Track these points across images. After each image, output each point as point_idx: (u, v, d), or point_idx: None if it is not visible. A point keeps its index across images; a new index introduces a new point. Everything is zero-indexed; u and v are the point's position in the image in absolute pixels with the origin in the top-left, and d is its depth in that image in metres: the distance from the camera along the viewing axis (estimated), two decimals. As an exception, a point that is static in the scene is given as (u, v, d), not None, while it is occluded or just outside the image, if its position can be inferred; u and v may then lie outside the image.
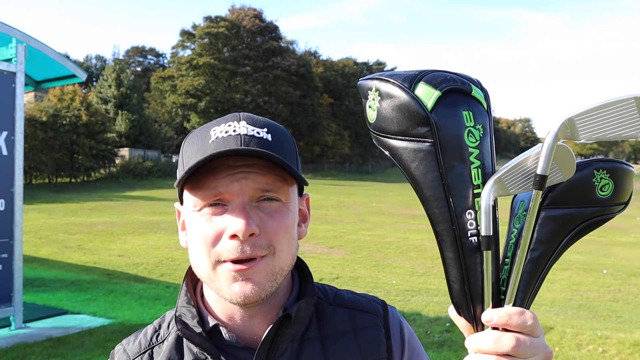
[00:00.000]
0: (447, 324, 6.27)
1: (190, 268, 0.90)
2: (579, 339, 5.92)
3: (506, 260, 0.72)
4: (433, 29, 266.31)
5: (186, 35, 59.26)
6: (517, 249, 0.70)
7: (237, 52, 57.11)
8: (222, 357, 0.82)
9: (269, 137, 0.82)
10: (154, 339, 0.91)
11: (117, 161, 38.85)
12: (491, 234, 0.67)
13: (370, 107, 0.73)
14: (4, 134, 5.69)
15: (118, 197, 25.47)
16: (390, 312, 0.95)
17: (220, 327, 0.85)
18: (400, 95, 0.69)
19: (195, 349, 0.84)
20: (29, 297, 7.04)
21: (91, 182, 34.70)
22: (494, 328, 0.68)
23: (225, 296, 0.81)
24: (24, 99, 6.03)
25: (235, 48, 57.75)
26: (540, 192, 0.66)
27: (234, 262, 0.79)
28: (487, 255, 0.67)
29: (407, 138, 0.70)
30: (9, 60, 5.80)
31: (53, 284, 8.20)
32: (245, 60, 56.85)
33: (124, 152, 40.45)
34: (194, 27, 58.34)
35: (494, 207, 0.67)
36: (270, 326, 0.83)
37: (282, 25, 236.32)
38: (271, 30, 60.48)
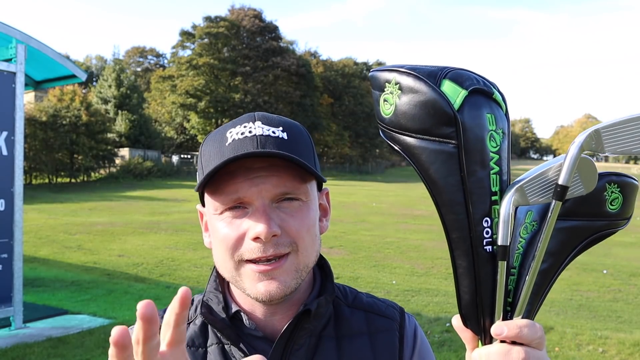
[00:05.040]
0: (447, 324, 6.26)
1: None
2: (579, 339, 5.92)
3: (512, 270, 0.69)
4: (434, 28, 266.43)
5: (186, 35, 59.22)
6: (525, 259, 0.68)
7: (237, 52, 57.07)
8: (241, 345, 0.84)
9: (285, 135, 0.82)
10: None
11: (117, 161, 38.77)
12: (508, 243, 0.65)
13: (386, 100, 0.67)
14: (4, 134, 5.69)
15: (118, 197, 25.43)
16: (407, 319, 0.96)
17: (242, 314, 0.87)
18: (426, 91, 0.63)
19: (217, 334, 0.87)
20: (29, 297, 7.03)
21: (91, 182, 34.66)
22: (502, 341, 0.66)
23: (250, 295, 0.83)
24: (24, 99, 6.03)
25: (235, 48, 57.70)
26: (561, 203, 0.64)
27: (258, 261, 0.80)
28: (502, 265, 0.65)
29: (428, 137, 0.65)
30: (9, 60, 5.80)
31: (53, 284, 8.20)
32: (245, 60, 56.82)
33: (124, 152, 40.38)
34: (194, 27, 58.28)
35: (512, 216, 0.65)
36: (290, 320, 0.85)
37: (283, 25, 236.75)
38: (271, 30, 60.44)
